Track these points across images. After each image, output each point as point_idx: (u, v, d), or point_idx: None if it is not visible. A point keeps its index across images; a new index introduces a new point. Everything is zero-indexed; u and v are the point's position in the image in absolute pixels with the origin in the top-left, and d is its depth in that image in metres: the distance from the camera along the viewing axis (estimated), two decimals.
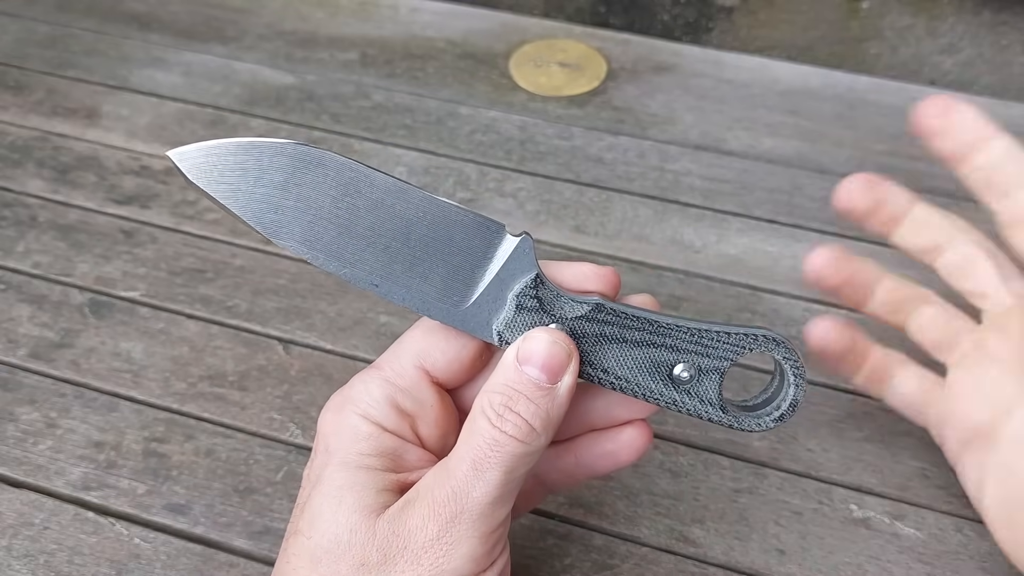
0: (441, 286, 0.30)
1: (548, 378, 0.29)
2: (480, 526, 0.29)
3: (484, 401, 0.29)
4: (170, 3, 0.72)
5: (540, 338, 0.29)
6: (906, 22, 0.74)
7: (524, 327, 0.30)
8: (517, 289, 0.30)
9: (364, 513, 0.29)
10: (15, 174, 0.58)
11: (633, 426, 0.33)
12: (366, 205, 0.29)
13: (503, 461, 0.28)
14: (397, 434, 0.31)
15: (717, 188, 0.57)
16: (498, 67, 0.67)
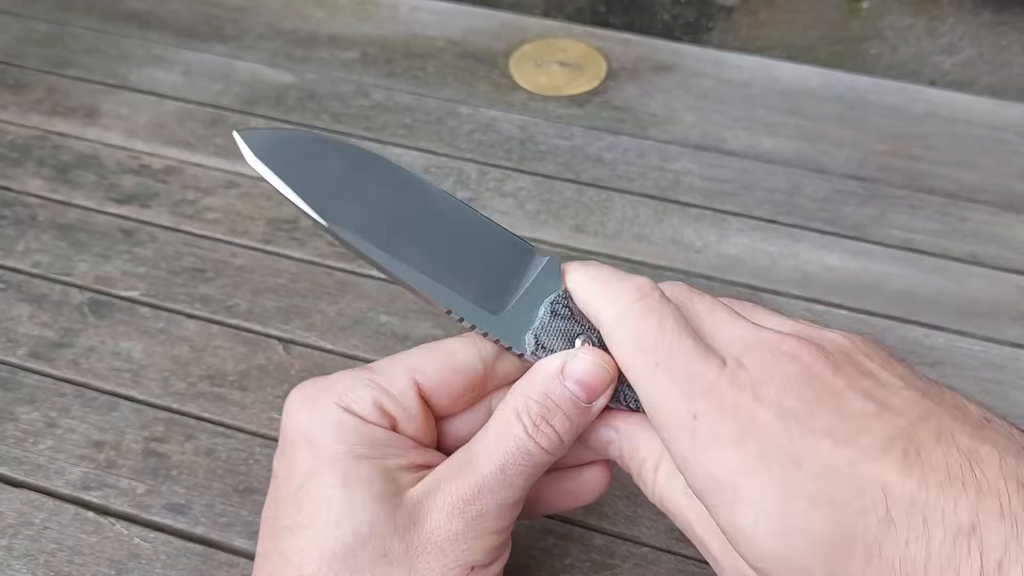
0: (477, 292, 0.31)
1: (587, 397, 0.29)
2: (500, 523, 0.30)
3: (520, 406, 0.29)
4: (170, 2, 0.72)
5: (589, 359, 0.29)
6: (906, 22, 0.74)
7: (558, 332, 0.30)
8: (550, 299, 0.31)
9: (380, 503, 0.28)
10: (15, 173, 0.58)
11: (596, 466, 0.33)
12: (416, 208, 0.31)
13: (530, 469, 0.29)
14: (379, 427, 0.30)
15: (717, 188, 0.57)
16: (498, 66, 0.67)
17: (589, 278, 0.30)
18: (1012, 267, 0.52)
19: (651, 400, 0.28)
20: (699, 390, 0.27)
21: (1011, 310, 0.50)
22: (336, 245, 0.53)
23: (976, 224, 0.55)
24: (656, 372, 0.27)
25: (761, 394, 0.26)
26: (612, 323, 0.29)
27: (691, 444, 0.26)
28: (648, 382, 0.28)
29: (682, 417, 0.27)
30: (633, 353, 0.28)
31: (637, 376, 0.28)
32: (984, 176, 0.58)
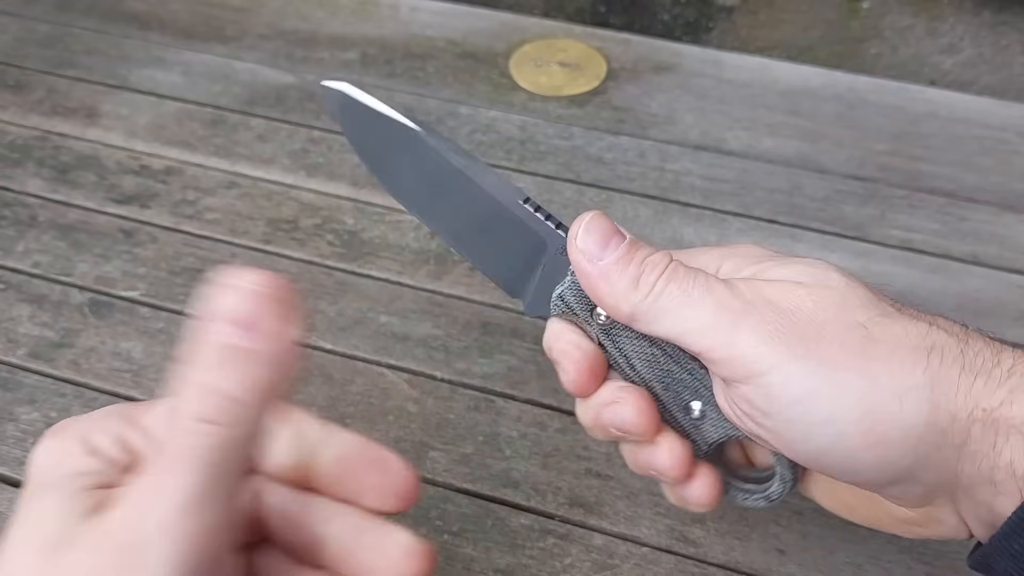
0: (500, 262, 0.34)
1: (233, 321, 0.22)
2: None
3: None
4: (170, 2, 0.72)
5: (236, 283, 0.22)
6: (906, 22, 0.74)
7: (583, 294, 0.31)
8: (559, 291, 0.32)
9: (45, 545, 0.22)
10: (15, 174, 0.58)
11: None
12: (454, 187, 0.34)
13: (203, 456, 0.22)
14: (105, 459, 0.25)
15: (717, 188, 0.57)
16: (498, 67, 0.67)
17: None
18: (1012, 267, 0.52)
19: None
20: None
21: (1011, 310, 0.50)
22: (334, 244, 0.53)
23: (976, 224, 0.55)
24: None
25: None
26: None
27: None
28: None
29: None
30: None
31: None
32: (984, 176, 0.58)
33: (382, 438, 0.43)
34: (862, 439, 0.26)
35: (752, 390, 0.28)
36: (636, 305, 0.29)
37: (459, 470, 0.42)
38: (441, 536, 0.40)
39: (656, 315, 0.29)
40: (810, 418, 0.27)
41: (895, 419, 0.26)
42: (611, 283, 0.30)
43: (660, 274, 0.29)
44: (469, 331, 0.48)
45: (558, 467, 0.42)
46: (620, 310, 0.30)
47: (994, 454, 0.25)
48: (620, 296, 0.29)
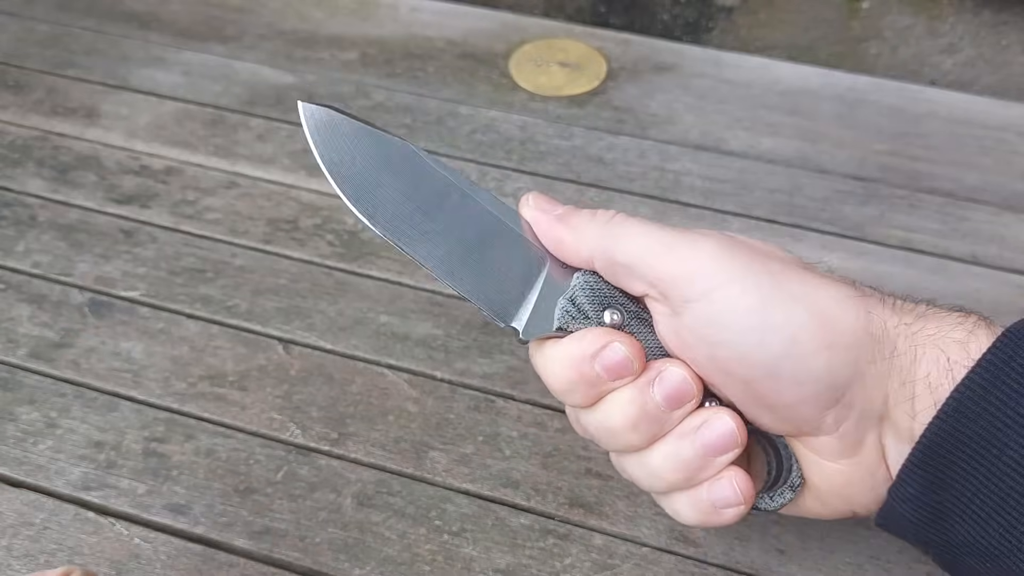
0: (494, 283, 0.32)
1: None
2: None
3: None
4: (170, 2, 0.72)
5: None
6: (906, 22, 0.74)
7: (595, 293, 0.32)
8: (565, 297, 0.32)
9: None
10: (15, 174, 0.58)
11: None
12: (449, 204, 0.33)
13: None
14: None
15: (717, 188, 0.57)
16: (498, 67, 0.67)
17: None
18: (1012, 267, 0.52)
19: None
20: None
21: (1011, 310, 0.50)
22: (339, 244, 0.53)
23: (976, 224, 0.55)
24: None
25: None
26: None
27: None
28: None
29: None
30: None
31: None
32: (984, 176, 0.58)
33: (382, 438, 0.43)
34: (813, 342, 0.28)
35: (708, 306, 0.29)
36: (595, 234, 0.31)
37: (459, 470, 0.42)
38: (441, 536, 0.40)
39: (616, 240, 0.30)
40: (765, 324, 0.28)
41: (840, 322, 0.28)
42: (570, 224, 0.32)
43: (613, 213, 0.32)
44: (469, 331, 0.48)
45: (558, 467, 0.42)
46: (583, 245, 0.31)
47: (915, 368, 0.28)
48: (581, 231, 0.31)
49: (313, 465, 0.42)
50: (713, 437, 0.30)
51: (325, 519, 0.40)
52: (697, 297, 0.29)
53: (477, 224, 0.32)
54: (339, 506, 0.41)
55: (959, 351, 0.28)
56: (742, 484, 0.31)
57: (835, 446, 0.30)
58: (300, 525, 0.40)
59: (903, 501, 0.29)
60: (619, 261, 0.31)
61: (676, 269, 0.30)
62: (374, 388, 0.46)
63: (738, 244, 0.30)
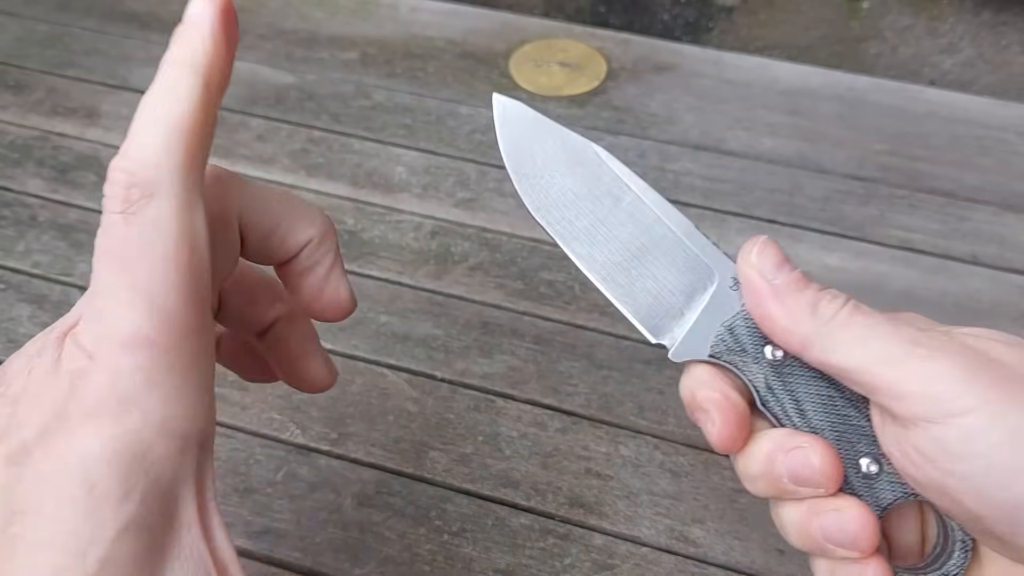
0: (655, 296, 0.31)
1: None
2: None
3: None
4: (170, 2, 0.72)
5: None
6: (906, 22, 0.74)
7: (756, 327, 0.29)
8: (726, 323, 0.30)
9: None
10: (15, 174, 0.58)
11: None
12: (623, 210, 0.32)
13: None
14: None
15: (717, 188, 0.57)
16: (498, 67, 0.67)
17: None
18: (1012, 267, 0.52)
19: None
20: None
21: (1011, 310, 0.50)
22: None
23: (976, 224, 0.55)
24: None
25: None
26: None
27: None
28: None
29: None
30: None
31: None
32: (984, 176, 0.58)
33: (382, 438, 0.43)
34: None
35: (945, 431, 0.25)
36: (815, 329, 0.27)
37: (459, 470, 0.42)
38: (441, 536, 0.40)
39: (837, 343, 0.27)
40: (1014, 463, 0.24)
41: None
42: (786, 304, 0.28)
43: (842, 304, 0.27)
44: (469, 331, 0.48)
45: (558, 467, 0.42)
46: (794, 333, 0.28)
47: None
48: (796, 319, 0.28)
49: (313, 465, 0.42)
50: (834, 529, 0.28)
51: (325, 519, 0.40)
52: (932, 418, 0.25)
53: (646, 233, 0.31)
54: (339, 506, 0.41)
55: None
56: (868, 518, 0.28)
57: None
58: (300, 525, 0.40)
59: None
60: (835, 365, 0.27)
61: (909, 387, 0.26)
62: (374, 388, 0.46)
63: (985, 363, 0.26)
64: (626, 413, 0.44)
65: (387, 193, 0.56)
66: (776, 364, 0.29)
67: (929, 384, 0.25)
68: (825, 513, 0.28)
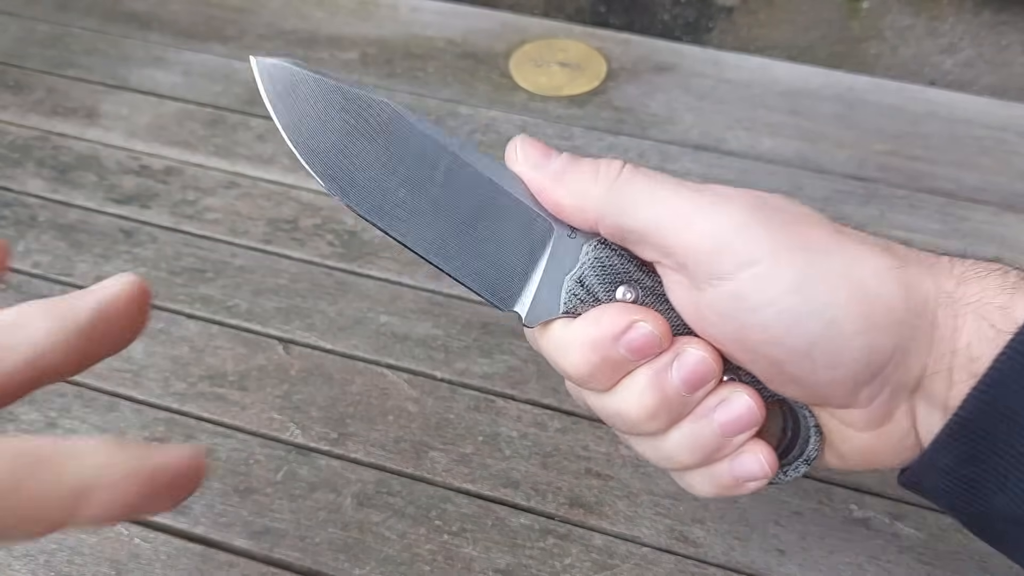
0: (493, 262, 0.29)
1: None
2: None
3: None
4: (170, 2, 0.72)
5: None
6: (906, 22, 0.74)
7: (607, 271, 0.28)
8: (572, 274, 0.29)
9: None
10: (15, 174, 0.58)
11: None
12: (440, 173, 0.28)
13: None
14: None
15: None
16: (498, 67, 0.67)
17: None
18: (1012, 267, 0.52)
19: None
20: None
21: None
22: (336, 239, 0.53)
23: (976, 224, 0.55)
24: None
25: None
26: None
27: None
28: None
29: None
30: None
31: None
32: (984, 176, 0.58)
33: (382, 438, 0.43)
34: (852, 324, 0.26)
35: (736, 285, 0.26)
36: (601, 198, 0.27)
37: (459, 470, 0.42)
38: (441, 536, 0.40)
39: (624, 206, 0.27)
40: (803, 307, 0.26)
41: (881, 301, 0.26)
42: (566, 183, 0.28)
43: (621, 167, 0.27)
44: (469, 331, 0.48)
45: (558, 467, 0.42)
46: (585, 209, 0.28)
47: (954, 338, 0.26)
48: (582, 194, 0.27)
49: (313, 465, 0.42)
50: (732, 417, 0.28)
51: (325, 519, 0.40)
52: (723, 275, 0.26)
53: (473, 194, 0.28)
54: (339, 506, 0.41)
55: (1002, 318, 0.25)
56: (768, 458, 0.29)
57: (864, 417, 0.28)
58: (300, 525, 0.40)
59: (934, 471, 0.27)
60: (628, 228, 0.27)
61: (698, 243, 0.26)
62: (374, 388, 0.46)
63: (768, 210, 0.27)
64: None
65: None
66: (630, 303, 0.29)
67: (717, 238, 0.26)
68: (718, 407, 0.29)
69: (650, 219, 0.27)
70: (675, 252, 0.27)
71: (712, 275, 0.26)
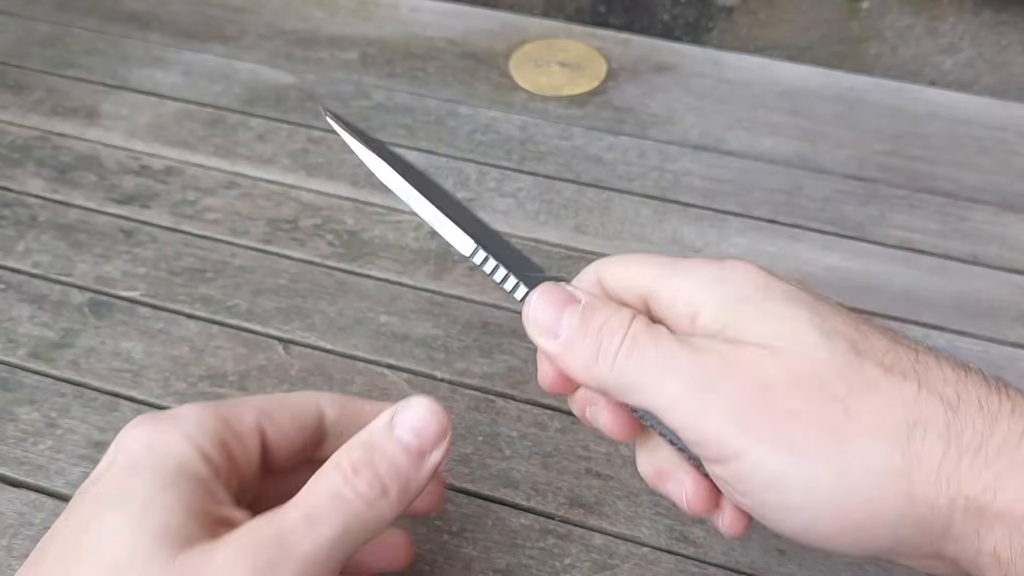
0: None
1: (418, 446, 0.28)
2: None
3: (341, 455, 0.27)
4: (170, 2, 0.72)
5: (420, 405, 0.28)
6: (906, 22, 0.74)
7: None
8: None
9: (164, 542, 0.25)
10: (15, 174, 0.58)
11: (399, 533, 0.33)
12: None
13: (342, 519, 0.26)
14: (215, 467, 0.27)
15: (717, 188, 0.57)
16: (498, 67, 0.67)
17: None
18: (1012, 267, 0.52)
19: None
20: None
21: (1011, 310, 0.50)
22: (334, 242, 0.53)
23: (976, 224, 0.55)
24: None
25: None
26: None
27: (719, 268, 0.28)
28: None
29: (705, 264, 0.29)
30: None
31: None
32: (984, 176, 0.58)
33: None
34: (835, 526, 0.25)
35: (724, 470, 0.26)
36: (602, 380, 0.27)
37: (459, 470, 0.42)
38: (441, 536, 0.40)
39: (623, 390, 0.27)
40: (783, 502, 0.25)
41: (870, 508, 0.24)
42: (574, 357, 0.28)
43: (619, 345, 0.27)
44: (469, 331, 0.48)
45: (558, 467, 0.42)
46: (591, 382, 0.28)
47: (978, 540, 0.24)
48: (586, 370, 0.28)
49: None
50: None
51: None
52: (712, 460, 0.27)
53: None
54: None
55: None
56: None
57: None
58: None
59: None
60: (633, 405, 0.28)
61: (686, 435, 0.26)
62: (374, 388, 0.46)
63: (756, 399, 0.25)
64: None
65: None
66: None
67: (702, 432, 0.26)
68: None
69: (646, 405, 0.27)
70: (678, 432, 0.27)
71: (704, 458, 0.27)
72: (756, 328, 0.26)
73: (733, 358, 0.26)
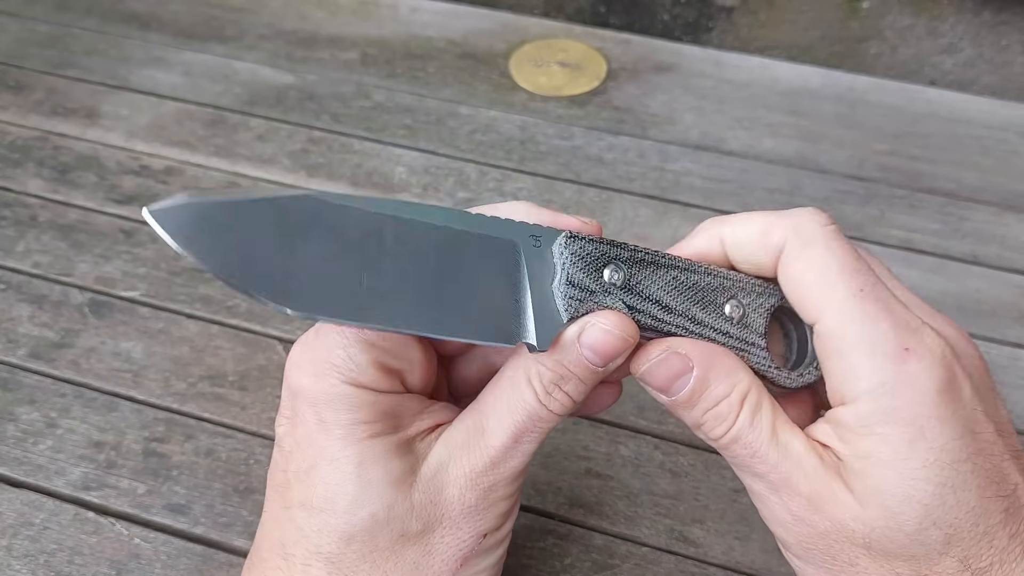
0: (481, 306, 0.28)
1: (602, 362, 0.29)
2: (510, 488, 0.30)
3: (532, 372, 0.29)
4: (170, 3, 0.72)
5: (606, 325, 0.29)
6: (906, 22, 0.74)
7: (585, 260, 0.29)
8: (554, 284, 0.29)
9: (396, 486, 0.29)
10: (15, 174, 0.58)
11: (612, 385, 0.34)
12: (388, 242, 0.26)
13: (541, 435, 0.30)
14: (389, 392, 0.29)
15: (717, 188, 0.57)
16: (498, 67, 0.67)
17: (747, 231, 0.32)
18: (1012, 267, 0.52)
19: (846, 323, 0.28)
20: (908, 328, 0.27)
21: (1011, 310, 0.50)
22: None
23: (976, 224, 0.55)
24: (862, 297, 0.27)
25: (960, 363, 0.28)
26: (803, 246, 0.29)
27: (895, 373, 0.27)
28: (851, 305, 0.28)
29: (892, 345, 0.27)
30: (836, 274, 0.28)
31: (832, 298, 0.28)
32: (984, 176, 0.58)
33: None
34: None
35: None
36: (725, 436, 0.30)
37: None
38: None
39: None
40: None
41: None
42: (686, 415, 0.31)
43: (725, 431, 0.30)
44: None
45: (558, 467, 0.42)
46: (709, 434, 0.31)
47: None
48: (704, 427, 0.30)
49: None
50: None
51: None
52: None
53: (427, 247, 0.27)
54: None
55: None
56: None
57: None
58: None
59: None
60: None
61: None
62: None
63: (820, 543, 0.29)
64: (626, 413, 0.44)
65: (387, 193, 0.56)
66: (622, 283, 0.29)
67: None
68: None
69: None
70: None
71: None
72: (876, 471, 0.27)
73: (835, 508, 0.28)
